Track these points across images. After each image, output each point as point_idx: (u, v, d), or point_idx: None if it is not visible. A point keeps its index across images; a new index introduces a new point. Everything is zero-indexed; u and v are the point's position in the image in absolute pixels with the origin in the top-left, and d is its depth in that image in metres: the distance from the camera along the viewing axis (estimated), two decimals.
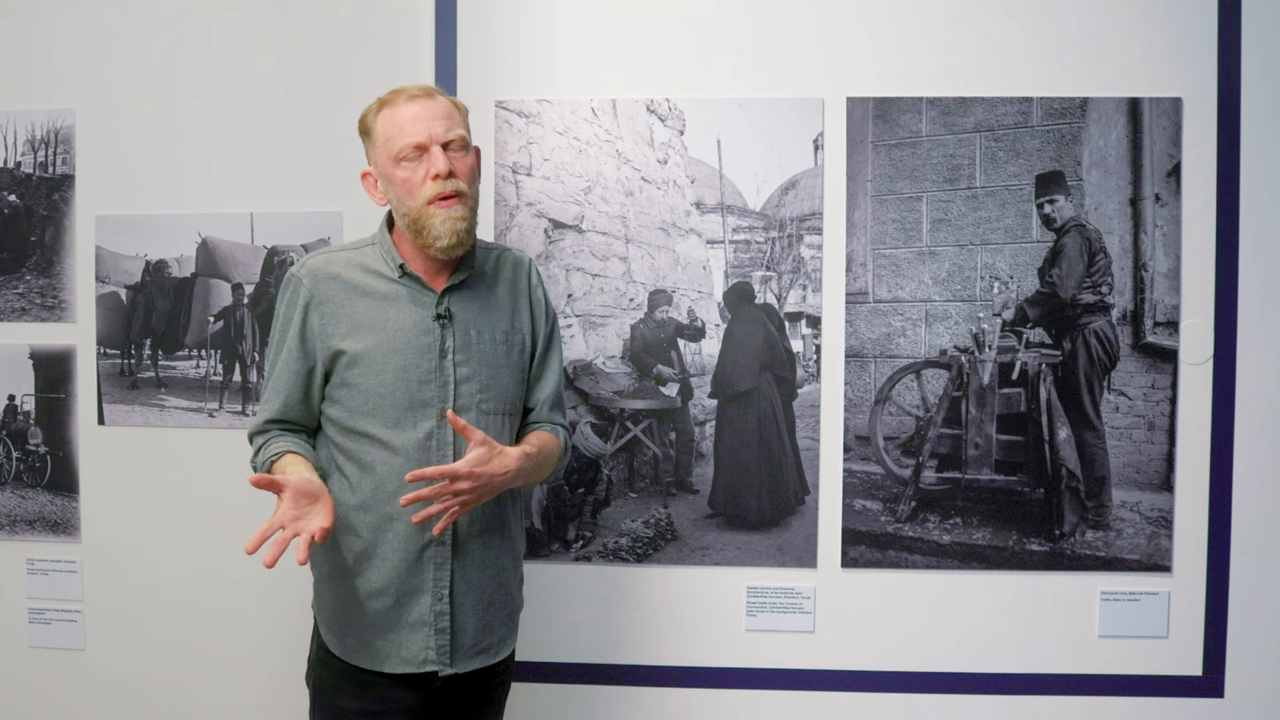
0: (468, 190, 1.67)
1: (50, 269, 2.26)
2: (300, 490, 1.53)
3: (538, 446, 1.73)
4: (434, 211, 1.64)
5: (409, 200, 1.65)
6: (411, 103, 1.66)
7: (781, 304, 2.19)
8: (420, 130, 1.64)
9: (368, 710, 1.69)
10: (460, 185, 1.65)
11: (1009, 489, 2.16)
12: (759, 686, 2.21)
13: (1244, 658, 2.15)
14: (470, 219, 1.67)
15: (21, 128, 2.24)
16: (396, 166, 1.65)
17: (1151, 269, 2.13)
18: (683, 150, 2.18)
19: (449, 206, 1.64)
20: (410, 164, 1.64)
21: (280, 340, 1.72)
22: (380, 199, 1.72)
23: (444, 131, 1.65)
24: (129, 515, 2.26)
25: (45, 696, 2.29)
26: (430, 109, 1.66)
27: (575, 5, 2.18)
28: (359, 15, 2.19)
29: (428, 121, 1.65)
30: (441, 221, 1.64)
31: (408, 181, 1.65)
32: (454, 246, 1.65)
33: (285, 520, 1.51)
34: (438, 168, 1.63)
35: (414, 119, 1.65)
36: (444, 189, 1.63)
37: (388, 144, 1.66)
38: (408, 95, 1.67)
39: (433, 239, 1.64)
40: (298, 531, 1.50)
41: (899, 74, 2.15)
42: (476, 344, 1.72)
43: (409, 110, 1.65)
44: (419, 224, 1.65)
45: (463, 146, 1.68)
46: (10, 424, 2.28)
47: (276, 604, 2.21)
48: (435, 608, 1.69)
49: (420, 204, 1.64)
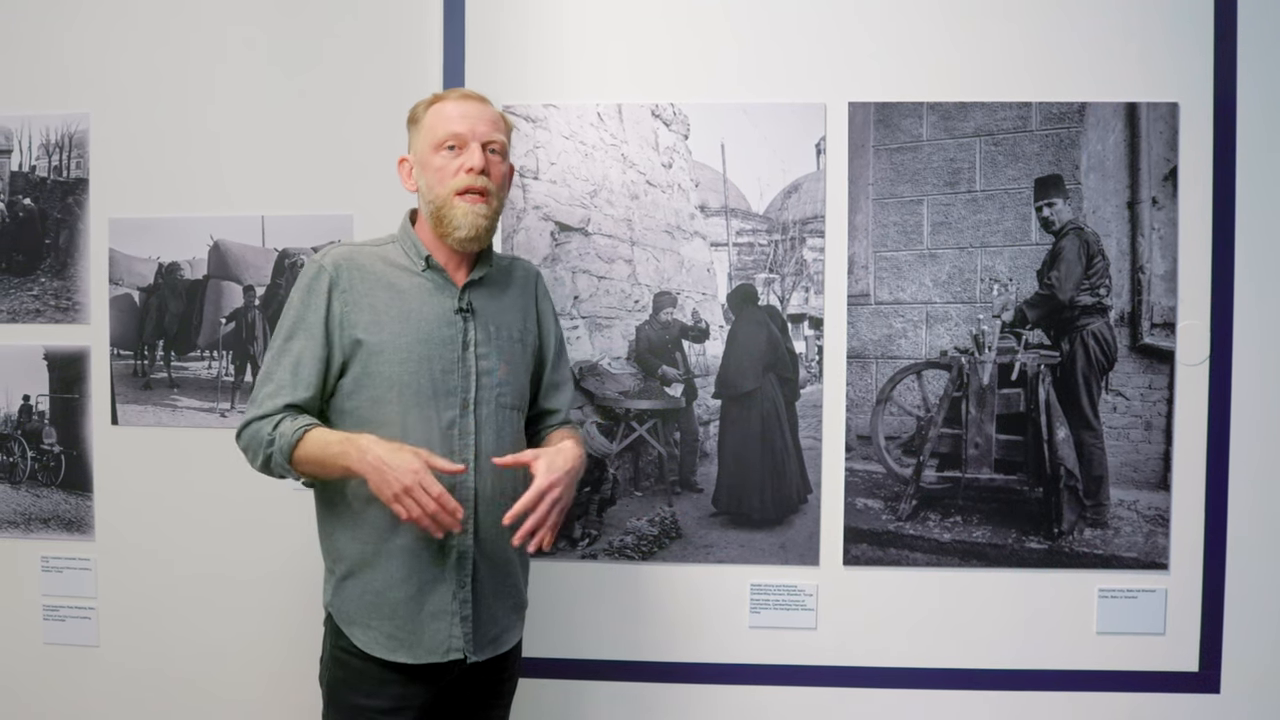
0: (495, 193, 1.73)
1: (65, 271, 2.29)
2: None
3: (574, 432, 1.87)
4: (458, 203, 1.70)
5: (438, 187, 1.71)
6: (464, 101, 1.75)
7: (784, 306, 2.22)
8: (465, 125, 1.71)
9: (383, 707, 1.71)
10: (489, 185, 1.71)
11: (1008, 488, 2.19)
12: (762, 682, 2.22)
13: (1239, 654, 2.17)
14: (492, 219, 1.73)
15: (37, 132, 2.27)
16: (435, 154, 1.72)
17: (1149, 271, 2.16)
18: (687, 154, 2.21)
19: (474, 202, 1.70)
20: (448, 153, 1.71)
21: (294, 328, 1.71)
22: (411, 185, 1.78)
23: (487, 132, 1.73)
24: (142, 514, 2.29)
25: (60, 692, 2.32)
26: (479, 110, 1.75)
27: (581, 11, 2.21)
28: (369, 22, 2.22)
29: (474, 120, 1.73)
30: (464, 214, 1.69)
31: (441, 169, 1.71)
32: (470, 240, 1.71)
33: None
34: (473, 162, 1.70)
35: (462, 114, 1.72)
36: (474, 183, 1.70)
37: (431, 132, 1.73)
38: (461, 94, 1.77)
39: (452, 228, 1.70)
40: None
41: (900, 79, 2.17)
42: (496, 339, 1.77)
43: (460, 106, 1.74)
44: (441, 212, 1.71)
45: (500, 152, 1.75)
46: (25, 424, 2.31)
47: (287, 601, 2.24)
48: (459, 595, 1.71)
49: (448, 192, 1.70)
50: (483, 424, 1.73)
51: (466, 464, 1.71)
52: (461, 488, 1.71)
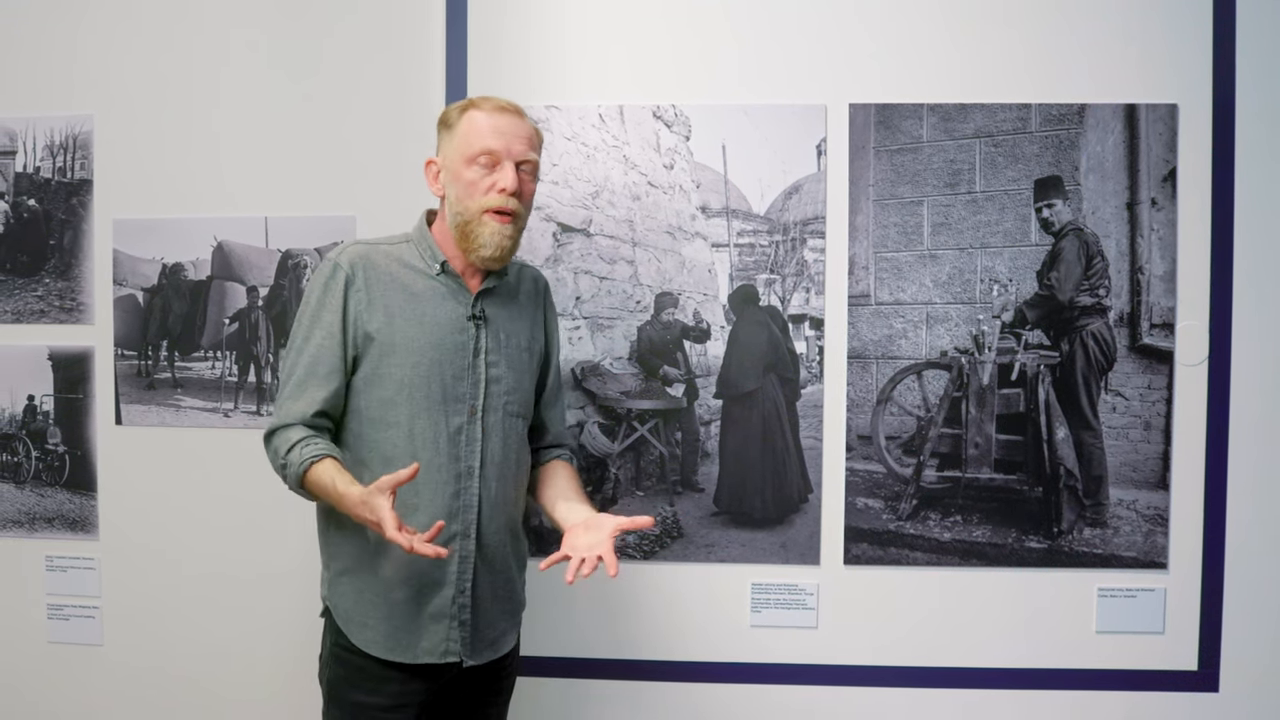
0: (523, 213, 1.72)
1: (69, 272, 2.30)
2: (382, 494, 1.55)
3: (579, 489, 1.85)
4: (487, 221, 1.68)
5: (467, 201, 1.69)
6: (500, 113, 1.70)
7: (785, 306, 2.22)
8: (501, 142, 1.68)
9: (382, 704, 1.72)
10: (519, 207, 1.70)
11: (1008, 487, 2.20)
12: (763, 681, 2.23)
13: (1238, 653, 2.18)
14: (516, 238, 1.73)
15: (41, 133, 2.28)
16: (467, 166, 1.69)
17: (1148, 272, 2.16)
18: (688, 155, 2.22)
19: (503, 223, 1.69)
20: (480, 168, 1.68)
21: (312, 326, 1.71)
22: (437, 190, 1.76)
23: (522, 151, 1.70)
24: (146, 513, 2.29)
25: (64, 690, 2.33)
26: (516, 126, 1.71)
27: (584, 13, 2.22)
28: (371, 24, 2.23)
29: (510, 137, 1.69)
30: (491, 233, 1.68)
31: (473, 184, 1.69)
32: (494, 259, 1.71)
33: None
34: (506, 183, 1.67)
35: (497, 130, 1.69)
36: (505, 204, 1.68)
37: (465, 142, 1.69)
38: (497, 105, 1.71)
39: (477, 246, 1.69)
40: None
41: (900, 81, 2.18)
42: (505, 347, 1.77)
43: (497, 120, 1.69)
44: (468, 227, 1.69)
45: (532, 172, 1.73)
46: (30, 424, 2.32)
47: (290, 601, 2.25)
48: (458, 600, 1.72)
49: (477, 209, 1.68)
50: (489, 431, 1.75)
51: (473, 468, 1.72)
52: (466, 493, 1.72)
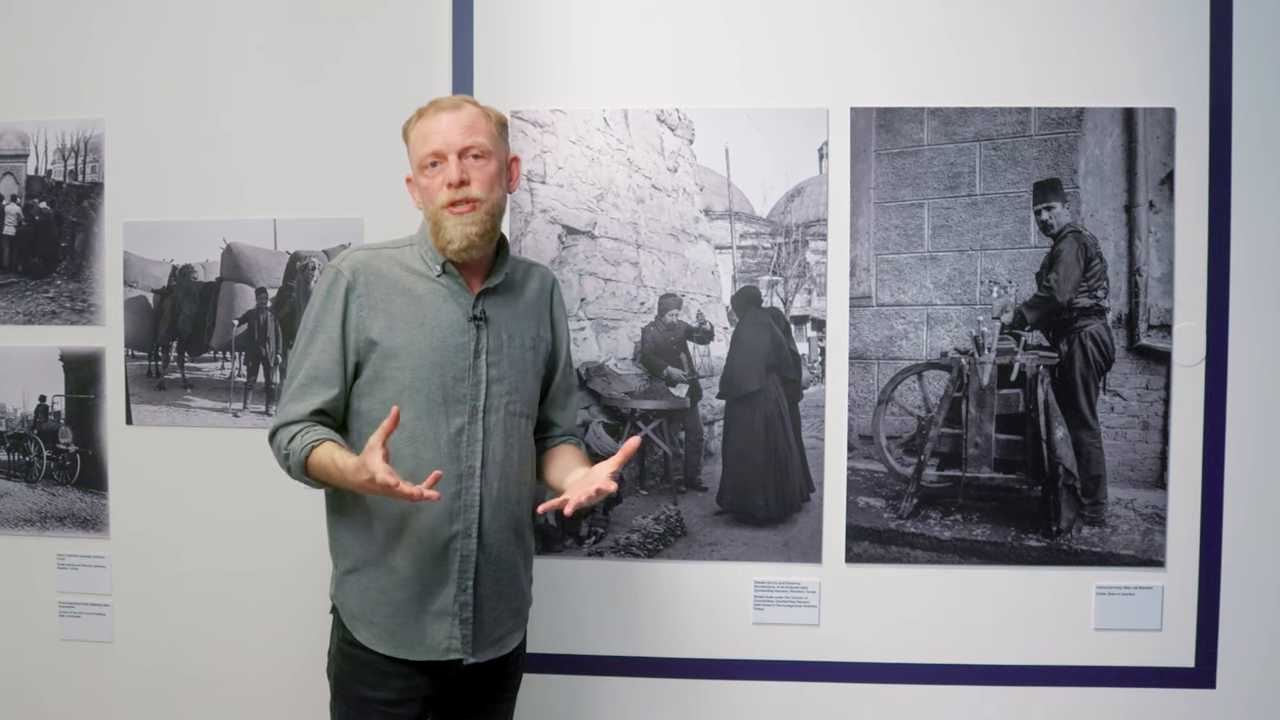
0: (484, 197, 1.74)
1: (80, 274, 2.32)
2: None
3: (583, 456, 1.90)
4: (446, 216, 1.73)
5: (429, 204, 1.75)
6: (438, 114, 1.75)
7: (787, 307, 2.24)
8: (438, 140, 1.73)
9: (388, 699, 1.74)
10: (473, 193, 1.73)
11: (1008, 487, 2.21)
12: (765, 678, 2.25)
13: (1235, 650, 2.19)
14: (484, 223, 1.74)
15: (52, 137, 2.30)
16: (422, 174, 1.76)
17: (1146, 274, 2.18)
18: (692, 159, 2.24)
19: (460, 214, 1.72)
20: (431, 170, 1.74)
21: (314, 332, 1.76)
22: (418, 202, 1.81)
23: (461, 140, 1.73)
24: (156, 512, 2.31)
25: (75, 688, 2.35)
26: (454, 120, 1.74)
27: (588, 18, 2.23)
28: (379, 29, 2.25)
29: (446, 133, 1.73)
30: (453, 226, 1.72)
31: (428, 188, 1.75)
32: (465, 250, 1.73)
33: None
34: (449, 176, 1.72)
35: (436, 130, 1.74)
36: (454, 196, 1.72)
37: (415, 153, 1.77)
38: (438, 107, 1.76)
39: (446, 241, 1.73)
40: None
41: (901, 85, 2.20)
42: (508, 347, 1.79)
43: (435, 122, 1.74)
44: (437, 226, 1.75)
45: (482, 154, 1.75)
46: (41, 424, 2.34)
47: (299, 599, 2.26)
48: (460, 599, 1.75)
49: (437, 208, 1.74)
50: (490, 431, 1.77)
51: (474, 468, 1.75)
52: (467, 493, 1.75)
